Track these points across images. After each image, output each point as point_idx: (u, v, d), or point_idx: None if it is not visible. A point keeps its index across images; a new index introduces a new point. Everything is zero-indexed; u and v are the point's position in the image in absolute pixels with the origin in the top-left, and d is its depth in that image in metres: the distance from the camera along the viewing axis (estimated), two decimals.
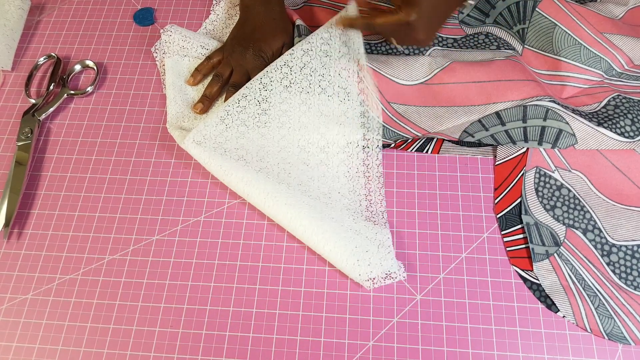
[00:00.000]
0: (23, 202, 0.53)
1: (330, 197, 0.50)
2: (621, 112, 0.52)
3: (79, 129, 0.57)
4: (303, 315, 0.47)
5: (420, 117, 0.53)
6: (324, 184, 0.51)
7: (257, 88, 0.53)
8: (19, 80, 0.61)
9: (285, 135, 0.53)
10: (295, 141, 0.53)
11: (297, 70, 0.53)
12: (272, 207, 0.48)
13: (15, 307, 0.48)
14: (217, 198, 0.53)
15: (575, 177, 0.51)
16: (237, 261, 0.49)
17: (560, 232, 0.49)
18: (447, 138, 0.52)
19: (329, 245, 0.47)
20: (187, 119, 0.55)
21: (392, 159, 0.54)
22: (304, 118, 0.53)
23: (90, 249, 0.50)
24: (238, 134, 0.52)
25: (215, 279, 0.49)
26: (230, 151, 0.51)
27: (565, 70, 0.56)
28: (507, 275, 0.48)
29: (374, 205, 0.51)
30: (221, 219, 0.52)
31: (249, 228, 0.51)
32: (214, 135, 0.52)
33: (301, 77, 0.53)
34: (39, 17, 0.65)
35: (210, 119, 0.52)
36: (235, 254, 0.50)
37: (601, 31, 0.56)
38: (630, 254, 0.48)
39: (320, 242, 0.47)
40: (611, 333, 0.45)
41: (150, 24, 0.64)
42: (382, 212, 0.50)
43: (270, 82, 0.53)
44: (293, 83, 0.53)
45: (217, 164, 0.50)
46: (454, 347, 0.45)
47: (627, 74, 0.56)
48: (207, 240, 0.51)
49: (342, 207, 0.50)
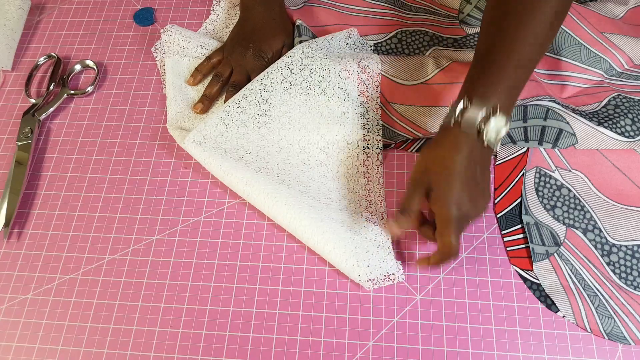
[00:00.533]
0: (23, 202, 0.53)
1: (330, 197, 0.50)
2: (621, 112, 0.52)
3: (79, 129, 0.57)
4: (303, 315, 0.47)
5: (420, 117, 0.53)
6: (324, 185, 0.51)
7: (258, 89, 0.53)
8: (19, 80, 0.61)
9: (285, 136, 0.53)
10: (295, 142, 0.53)
11: (298, 71, 0.53)
12: (272, 208, 0.48)
13: (15, 307, 0.48)
14: (217, 198, 0.53)
15: (575, 177, 0.51)
16: (237, 261, 0.49)
17: (561, 232, 0.49)
18: None
19: (328, 246, 0.47)
20: (187, 119, 0.55)
21: (392, 159, 0.54)
22: (304, 119, 0.53)
23: (90, 249, 0.50)
24: (238, 135, 0.52)
25: (215, 279, 0.49)
26: (230, 151, 0.51)
27: (565, 70, 0.56)
28: (507, 275, 0.48)
29: (373, 206, 0.51)
30: (221, 219, 0.52)
31: (249, 228, 0.51)
32: (214, 135, 0.52)
33: (301, 78, 0.53)
34: (39, 17, 0.65)
35: (210, 119, 0.52)
36: (235, 254, 0.50)
37: (601, 31, 0.56)
38: (630, 254, 0.48)
39: (320, 243, 0.47)
40: (611, 333, 0.45)
41: (150, 24, 0.64)
42: (382, 212, 0.50)
43: (270, 84, 0.53)
44: (293, 84, 0.53)
45: (217, 164, 0.50)
46: (454, 347, 0.45)
47: (627, 73, 0.56)
48: (207, 240, 0.51)
49: (342, 207, 0.50)
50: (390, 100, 0.54)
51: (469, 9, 0.61)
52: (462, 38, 0.60)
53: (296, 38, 0.58)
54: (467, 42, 0.59)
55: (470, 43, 0.59)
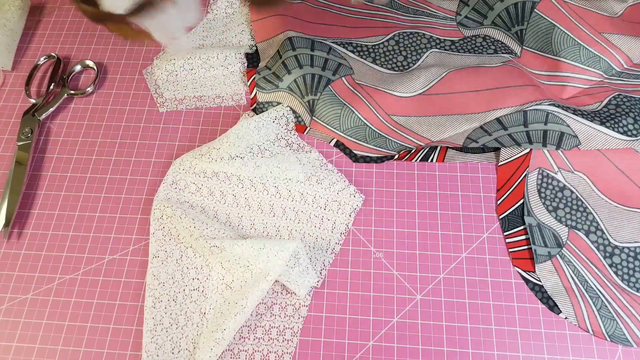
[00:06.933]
0: (23, 202, 0.53)
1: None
2: (622, 111, 0.52)
3: (79, 129, 0.57)
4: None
5: (421, 126, 0.53)
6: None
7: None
8: (19, 80, 0.61)
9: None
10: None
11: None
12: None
13: (15, 307, 0.48)
14: None
15: (578, 178, 0.51)
16: None
17: (563, 233, 0.49)
18: (451, 145, 0.52)
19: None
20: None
21: (391, 167, 0.54)
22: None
23: (90, 249, 0.50)
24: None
25: None
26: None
27: (565, 71, 0.56)
28: (507, 275, 0.48)
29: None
30: None
31: None
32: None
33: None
34: (39, 17, 0.65)
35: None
36: None
37: (600, 31, 0.56)
38: (633, 255, 0.48)
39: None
40: (613, 335, 0.45)
41: None
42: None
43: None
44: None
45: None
46: (454, 347, 0.45)
47: (627, 72, 0.56)
48: None
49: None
50: (390, 112, 0.54)
51: (467, 11, 0.61)
52: (459, 40, 0.59)
53: (288, 51, 0.56)
54: (464, 44, 0.59)
55: (468, 46, 0.59)
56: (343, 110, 0.54)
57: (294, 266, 0.46)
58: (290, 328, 0.46)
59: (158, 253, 0.49)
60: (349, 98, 0.54)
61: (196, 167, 0.53)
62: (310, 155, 0.53)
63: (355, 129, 0.54)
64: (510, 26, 0.58)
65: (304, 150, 0.54)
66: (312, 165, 0.52)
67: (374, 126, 0.54)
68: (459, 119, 0.53)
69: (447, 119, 0.54)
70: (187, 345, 0.45)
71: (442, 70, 0.55)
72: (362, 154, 0.54)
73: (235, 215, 0.51)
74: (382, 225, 0.51)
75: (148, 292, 0.47)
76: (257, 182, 0.52)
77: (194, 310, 0.46)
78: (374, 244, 0.50)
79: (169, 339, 0.45)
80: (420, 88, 0.55)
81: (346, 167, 0.54)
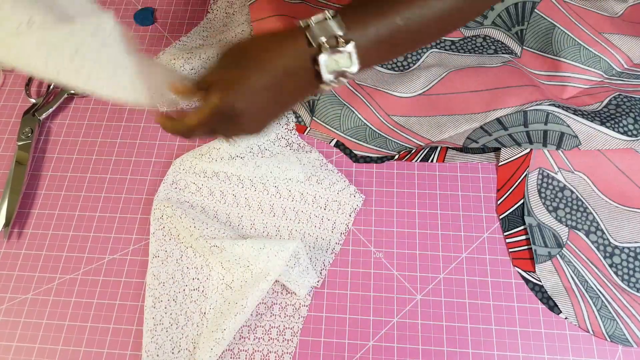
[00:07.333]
0: (23, 202, 0.53)
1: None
2: (623, 111, 0.52)
3: (79, 129, 0.57)
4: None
5: (421, 126, 0.53)
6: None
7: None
8: (19, 80, 0.61)
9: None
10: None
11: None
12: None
13: (15, 307, 0.48)
14: None
15: (578, 178, 0.51)
16: None
17: (563, 233, 0.49)
18: (451, 145, 0.52)
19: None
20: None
21: (392, 167, 0.54)
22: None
23: (90, 249, 0.50)
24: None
25: None
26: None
27: (565, 71, 0.56)
28: (507, 275, 0.48)
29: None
30: None
31: None
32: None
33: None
34: None
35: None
36: None
37: (600, 31, 0.56)
38: (632, 255, 0.48)
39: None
40: (613, 335, 0.45)
41: (150, 24, 0.64)
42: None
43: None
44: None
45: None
46: (454, 347, 0.45)
47: (627, 73, 0.56)
48: None
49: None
50: (390, 112, 0.54)
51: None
52: (459, 40, 0.59)
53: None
54: (464, 44, 0.59)
55: (468, 46, 0.59)
56: (343, 110, 0.54)
57: (294, 266, 0.46)
58: (290, 328, 0.46)
59: (158, 253, 0.49)
60: (349, 98, 0.55)
61: (196, 167, 0.53)
62: (310, 155, 0.53)
63: (355, 129, 0.54)
64: (511, 26, 0.58)
65: (304, 150, 0.54)
66: (312, 165, 0.52)
67: (374, 126, 0.54)
68: (459, 119, 0.53)
69: (447, 119, 0.53)
70: (187, 345, 0.45)
71: (443, 71, 0.55)
72: (362, 154, 0.54)
73: (236, 215, 0.51)
74: (382, 225, 0.51)
75: (148, 292, 0.47)
76: (257, 182, 0.52)
77: (194, 310, 0.46)
78: (374, 244, 0.50)
79: (169, 338, 0.45)
80: (421, 88, 0.55)
81: (346, 167, 0.54)
